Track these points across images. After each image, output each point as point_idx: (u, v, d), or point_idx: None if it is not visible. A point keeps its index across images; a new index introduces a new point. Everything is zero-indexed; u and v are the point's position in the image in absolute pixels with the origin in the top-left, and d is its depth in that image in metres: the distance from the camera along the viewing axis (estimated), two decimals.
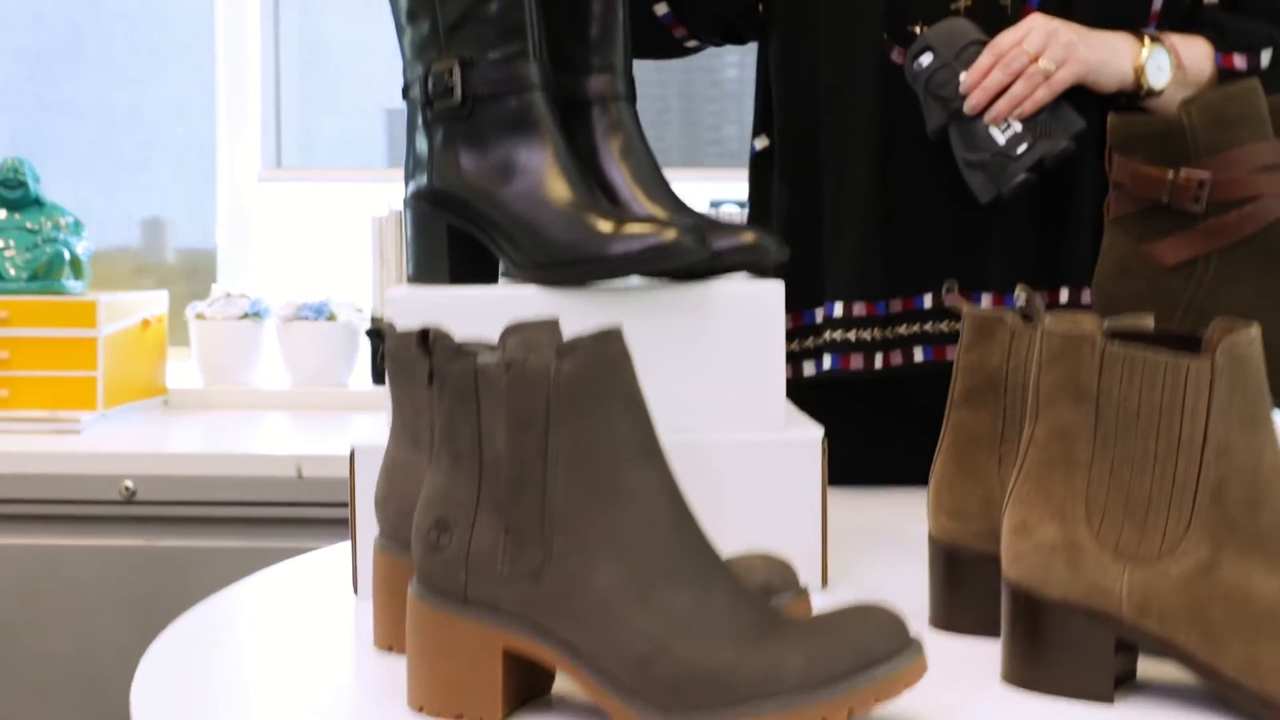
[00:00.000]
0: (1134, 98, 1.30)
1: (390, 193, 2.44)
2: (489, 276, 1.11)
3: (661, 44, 1.53)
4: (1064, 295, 1.35)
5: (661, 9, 1.49)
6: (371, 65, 2.65)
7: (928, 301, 1.38)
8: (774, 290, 1.03)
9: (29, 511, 1.90)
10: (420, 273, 1.11)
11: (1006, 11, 1.33)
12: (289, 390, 2.44)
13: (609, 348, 0.76)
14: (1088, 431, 0.76)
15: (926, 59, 1.28)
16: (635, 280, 1.05)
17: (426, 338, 0.79)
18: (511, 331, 0.80)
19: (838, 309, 1.38)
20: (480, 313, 1.00)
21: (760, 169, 1.50)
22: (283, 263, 2.57)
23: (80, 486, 1.90)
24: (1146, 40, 1.29)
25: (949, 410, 0.90)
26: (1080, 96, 1.28)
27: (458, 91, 1.06)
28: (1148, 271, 1.09)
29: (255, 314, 2.45)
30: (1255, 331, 0.73)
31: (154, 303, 2.36)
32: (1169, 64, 1.28)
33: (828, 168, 1.40)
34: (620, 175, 1.12)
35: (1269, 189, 1.06)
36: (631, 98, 1.14)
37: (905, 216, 1.37)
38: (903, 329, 1.39)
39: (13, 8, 2.62)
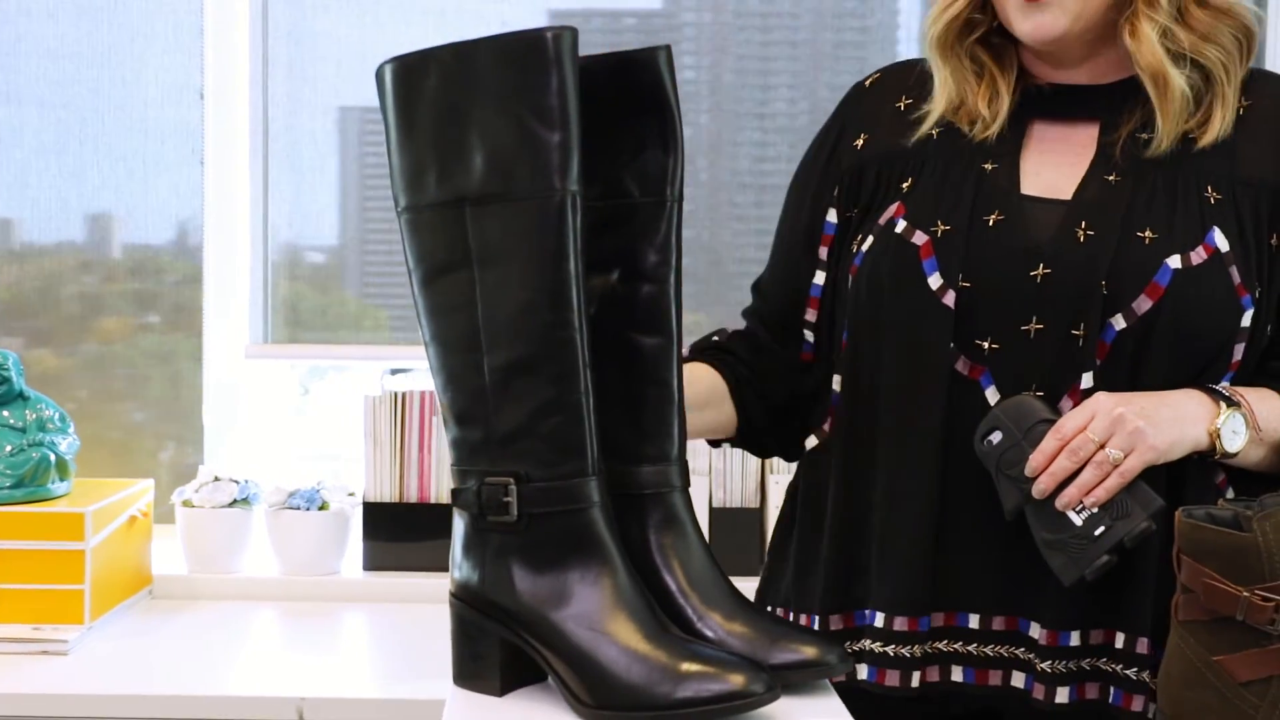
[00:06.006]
0: (1207, 454, 1.26)
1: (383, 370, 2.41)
2: (540, 678, 1.06)
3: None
4: (1119, 640, 1.29)
5: None
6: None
7: (974, 621, 1.34)
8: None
9: None
10: (466, 677, 1.06)
11: (1079, 343, 1.28)
12: (278, 578, 2.37)
13: None
14: None
15: (996, 437, 1.24)
16: None
17: None
18: None
19: (879, 619, 1.35)
20: None
21: (813, 465, 1.45)
22: (272, 440, 2.51)
23: None
24: (1222, 405, 1.25)
25: None
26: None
27: (514, 509, 1.01)
28: (1219, 684, 1.06)
29: (244, 499, 2.39)
30: None
31: (140, 495, 2.29)
32: (1244, 427, 1.25)
33: (881, 477, 1.36)
34: (673, 578, 1.07)
35: None
36: (685, 487, 1.10)
37: (960, 535, 1.33)
38: (943, 645, 1.35)
39: None
